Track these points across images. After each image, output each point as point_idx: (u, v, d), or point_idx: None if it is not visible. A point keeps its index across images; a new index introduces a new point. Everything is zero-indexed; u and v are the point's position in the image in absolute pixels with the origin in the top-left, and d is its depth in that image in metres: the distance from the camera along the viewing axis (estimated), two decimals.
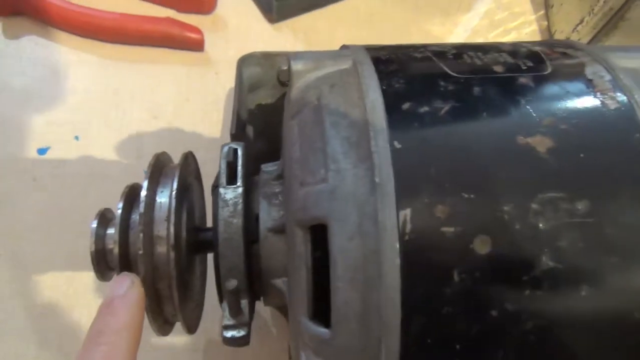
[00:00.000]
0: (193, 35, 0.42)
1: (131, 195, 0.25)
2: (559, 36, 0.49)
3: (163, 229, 0.23)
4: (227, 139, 0.41)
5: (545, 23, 0.52)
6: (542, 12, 0.53)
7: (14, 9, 0.42)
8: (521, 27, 0.52)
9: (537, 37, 0.51)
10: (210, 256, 0.29)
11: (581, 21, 0.46)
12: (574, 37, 0.47)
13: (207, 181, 0.29)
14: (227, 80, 0.43)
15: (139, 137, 0.39)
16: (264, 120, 0.35)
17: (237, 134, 0.32)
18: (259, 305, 0.27)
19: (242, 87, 0.34)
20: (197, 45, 0.43)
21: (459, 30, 0.50)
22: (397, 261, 0.17)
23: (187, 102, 0.41)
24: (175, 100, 0.41)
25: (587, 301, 0.18)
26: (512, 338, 0.18)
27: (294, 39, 0.46)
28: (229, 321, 0.22)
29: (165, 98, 0.41)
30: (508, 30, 0.52)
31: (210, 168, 0.29)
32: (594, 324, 0.18)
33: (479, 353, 0.18)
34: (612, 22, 0.44)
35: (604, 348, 0.18)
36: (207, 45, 0.43)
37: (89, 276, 0.34)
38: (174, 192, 0.23)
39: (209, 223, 0.30)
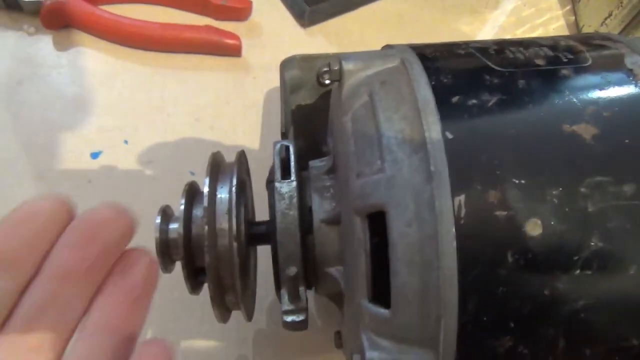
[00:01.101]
0: (231, 42, 0.44)
1: (191, 192, 0.26)
2: (587, 30, 0.50)
3: (225, 221, 0.24)
4: (267, 139, 0.42)
5: (573, 18, 0.53)
6: (569, 7, 0.53)
7: (64, 23, 0.44)
8: (548, 23, 0.52)
9: (565, 32, 0.52)
10: (260, 249, 0.31)
11: (609, 15, 0.46)
12: (602, 31, 0.47)
13: (254, 178, 0.31)
14: (265, 83, 0.44)
15: (183, 140, 0.41)
16: (304, 120, 0.37)
17: (287, 132, 0.33)
18: None
19: (285, 89, 0.35)
20: (234, 51, 0.45)
21: (487, 28, 0.51)
22: (454, 244, 0.18)
23: (227, 105, 0.43)
24: (215, 104, 0.43)
25: (635, 280, 0.19)
26: (563, 316, 0.19)
27: (327, 42, 0.48)
28: (289, 307, 0.24)
29: (206, 102, 0.43)
30: (535, 26, 0.52)
31: (252, 166, 0.30)
32: None
33: (531, 331, 0.19)
34: None
35: None
36: (244, 50, 0.45)
37: None
38: (233, 188, 0.25)
39: (258, 217, 0.32)
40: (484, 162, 0.19)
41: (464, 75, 0.22)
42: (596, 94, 0.21)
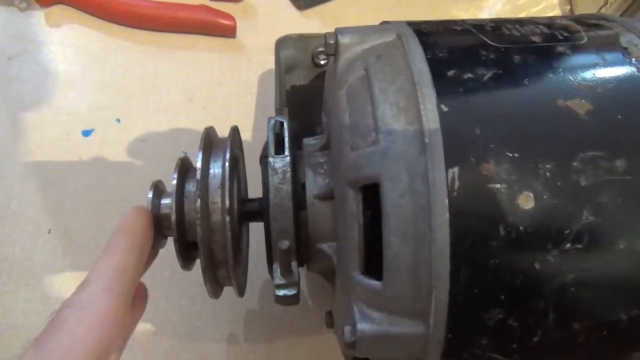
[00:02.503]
0: (226, 22, 0.44)
1: (183, 167, 0.26)
2: None
3: (217, 196, 0.24)
4: (260, 120, 0.42)
5: (568, 7, 0.53)
6: None
7: None
8: (543, 12, 0.52)
9: None
10: (251, 234, 0.30)
11: (605, 3, 0.46)
12: None
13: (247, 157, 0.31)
14: (259, 65, 0.44)
15: (176, 120, 0.41)
16: (298, 101, 0.37)
17: (281, 110, 0.33)
18: None
19: (280, 68, 0.35)
20: (229, 32, 0.44)
21: (483, 15, 0.51)
22: (447, 216, 0.18)
23: (220, 86, 0.43)
24: (209, 85, 0.43)
25: (625, 254, 0.19)
26: (553, 289, 0.19)
27: (322, 24, 0.47)
28: (281, 280, 0.24)
29: (200, 82, 0.43)
30: (531, 14, 0.52)
31: (245, 147, 0.30)
32: (630, 276, 0.19)
33: (521, 303, 0.19)
34: (636, 2, 0.44)
35: (636, 299, 0.19)
36: (239, 32, 0.45)
37: None
38: (226, 162, 0.25)
39: (250, 195, 0.31)
40: (478, 135, 0.19)
41: (460, 50, 0.22)
42: (591, 71, 0.21)
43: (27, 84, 0.41)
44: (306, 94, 0.37)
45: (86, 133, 0.39)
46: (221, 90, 0.43)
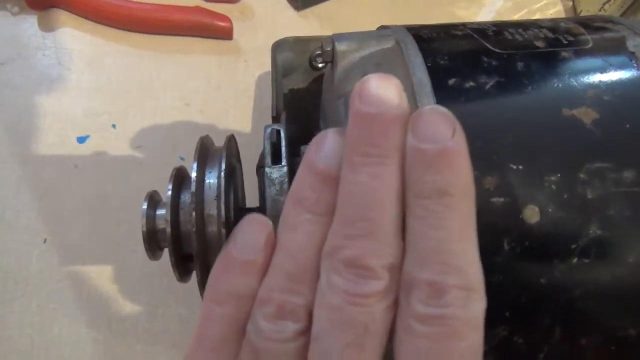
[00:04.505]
0: (222, 24, 0.43)
1: (179, 178, 0.25)
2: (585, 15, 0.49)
3: (213, 207, 0.23)
4: (258, 124, 0.42)
5: (570, 3, 0.52)
6: None
7: (49, 3, 0.43)
8: (545, 8, 0.52)
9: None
10: None
11: (608, 0, 0.45)
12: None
13: (245, 164, 0.30)
14: (256, 67, 0.43)
15: (173, 125, 0.40)
16: (296, 104, 0.36)
17: (278, 116, 0.33)
18: None
19: (277, 72, 0.34)
20: (226, 34, 0.44)
21: (484, 13, 0.50)
22: None
23: (218, 90, 0.42)
24: (206, 88, 0.42)
25: (634, 268, 0.18)
26: (560, 305, 0.19)
27: (320, 25, 0.47)
28: None
29: (197, 86, 0.42)
30: (532, 11, 0.51)
31: (242, 152, 0.30)
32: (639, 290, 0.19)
33: (527, 319, 0.19)
34: None
35: None
36: (236, 33, 0.44)
37: (131, 258, 0.35)
38: (222, 172, 0.24)
39: (250, 204, 0.31)
40: (481, 146, 0.18)
41: (461, 57, 0.21)
42: (597, 77, 0.20)
43: (20, 89, 0.40)
44: (304, 97, 0.37)
45: (81, 139, 0.39)
46: (218, 93, 0.42)
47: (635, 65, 0.20)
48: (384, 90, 0.17)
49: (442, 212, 0.15)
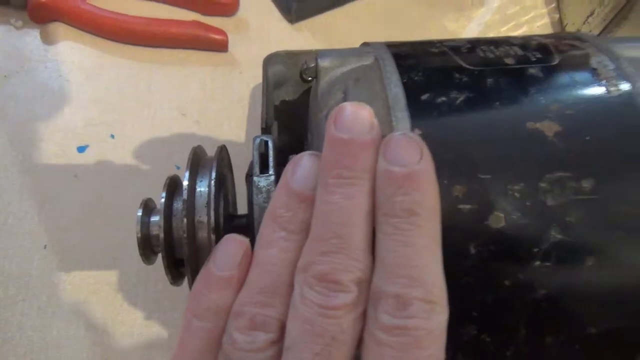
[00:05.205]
0: (217, 37, 0.45)
1: (172, 186, 0.27)
2: (571, 28, 0.50)
3: (204, 214, 0.25)
4: (252, 134, 0.43)
5: (557, 16, 0.53)
6: (554, 5, 0.54)
7: (51, 17, 0.44)
8: (533, 21, 0.53)
9: (549, 30, 0.53)
10: None
11: (592, 13, 0.47)
12: (585, 29, 0.48)
13: (237, 172, 0.32)
14: (251, 79, 0.45)
15: (169, 134, 0.42)
16: (287, 115, 0.37)
17: (267, 128, 0.34)
18: None
19: (268, 84, 0.36)
20: (221, 46, 0.45)
21: (473, 25, 0.52)
22: None
23: (213, 100, 0.44)
24: (202, 99, 0.44)
25: (592, 271, 0.20)
26: (524, 306, 0.20)
27: (313, 37, 0.48)
28: None
29: (193, 97, 0.44)
30: (520, 24, 0.53)
31: (236, 161, 0.31)
32: (598, 292, 0.20)
33: (494, 320, 0.20)
34: (622, 13, 0.45)
35: (607, 315, 0.20)
36: (231, 46, 0.45)
37: (128, 263, 0.36)
38: (212, 181, 0.25)
39: (240, 211, 0.32)
40: (450, 157, 0.20)
41: (435, 74, 0.22)
42: (561, 93, 0.21)
43: (23, 101, 0.42)
44: (296, 108, 0.38)
45: (81, 149, 0.40)
46: (213, 104, 0.44)
47: (597, 80, 0.22)
48: (357, 117, 0.18)
49: (409, 230, 0.17)
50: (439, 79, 0.22)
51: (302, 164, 0.19)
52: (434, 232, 0.17)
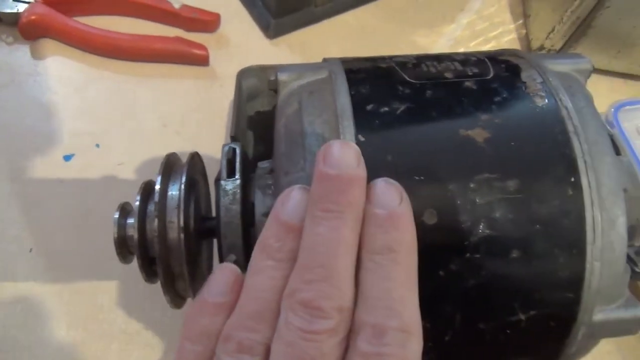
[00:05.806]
0: (199, 52, 0.47)
1: (147, 190, 0.29)
2: (535, 43, 0.53)
3: (174, 215, 0.27)
4: None
5: (524, 31, 0.56)
6: (521, 21, 0.57)
7: (41, 33, 0.47)
8: (500, 36, 0.56)
9: (516, 45, 0.55)
10: (216, 242, 0.33)
11: (552, 29, 0.50)
12: (548, 44, 0.51)
13: (212, 179, 0.34)
14: (231, 92, 0.47)
15: (151, 144, 0.44)
16: (262, 125, 0.40)
17: (236, 136, 0.36)
18: None
19: (241, 97, 0.38)
20: (202, 61, 0.48)
21: (443, 41, 0.55)
22: None
23: (194, 112, 0.46)
24: (184, 111, 0.46)
25: (517, 262, 0.22)
26: (457, 294, 0.22)
27: (291, 52, 0.51)
28: None
29: (175, 109, 0.46)
30: (488, 39, 0.56)
31: (216, 168, 0.33)
32: (523, 281, 0.22)
33: (432, 308, 0.22)
34: (580, 29, 0.48)
35: (531, 302, 0.22)
36: (212, 60, 0.48)
37: (109, 266, 0.38)
38: (182, 185, 0.27)
39: (214, 214, 0.34)
40: (390, 161, 0.22)
41: (380, 86, 0.25)
42: (491, 103, 0.24)
43: (13, 112, 0.44)
44: (269, 118, 0.40)
45: (67, 158, 0.42)
46: (194, 115, 0.46)
47: (524, 93, 0.24)
48: (344, 154, 0.20)
49: (389, 265, 0.19)
50: (384, 91, 0.24)
51: (292, 197, 0.21)
52: (411, 268, 0.19)
